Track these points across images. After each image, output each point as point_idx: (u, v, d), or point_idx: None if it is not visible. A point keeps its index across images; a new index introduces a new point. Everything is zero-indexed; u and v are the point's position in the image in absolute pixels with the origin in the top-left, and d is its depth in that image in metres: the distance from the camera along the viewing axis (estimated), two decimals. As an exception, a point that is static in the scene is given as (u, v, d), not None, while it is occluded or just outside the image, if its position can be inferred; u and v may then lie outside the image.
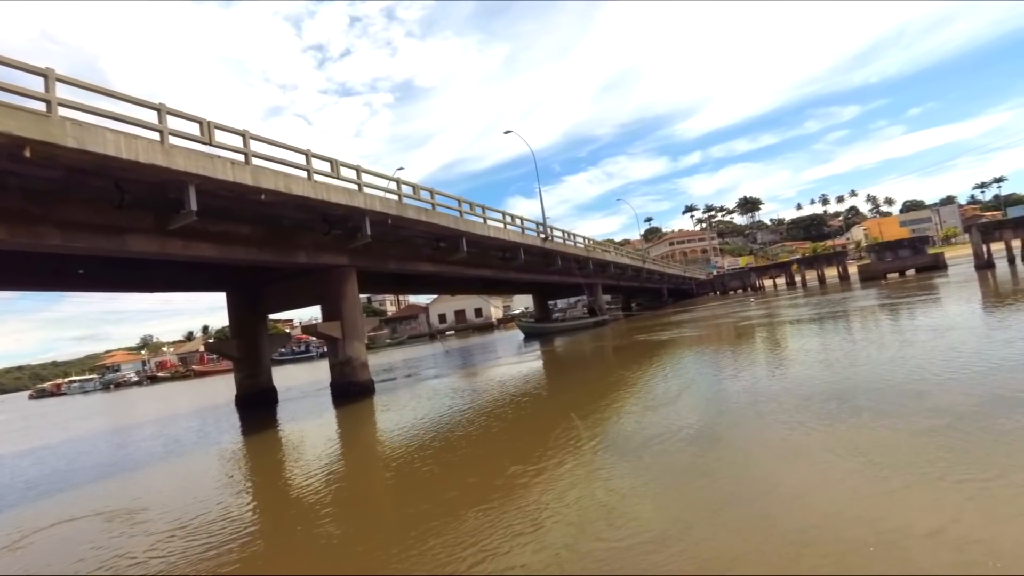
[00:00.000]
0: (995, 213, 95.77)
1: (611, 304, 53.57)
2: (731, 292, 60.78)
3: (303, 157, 12.58)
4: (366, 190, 14.22)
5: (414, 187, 16.48)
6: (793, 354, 11.09)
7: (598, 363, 17.13)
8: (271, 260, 13.29)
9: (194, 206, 9.87)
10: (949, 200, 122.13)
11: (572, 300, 56.70)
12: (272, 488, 7.23)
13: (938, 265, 36.93)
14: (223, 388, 27.21)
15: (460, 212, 18.63)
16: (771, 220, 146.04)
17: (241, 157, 10.97)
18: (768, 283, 57.93)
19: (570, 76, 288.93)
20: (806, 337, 13.56)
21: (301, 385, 23.58)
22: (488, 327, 76.03)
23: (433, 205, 16.99)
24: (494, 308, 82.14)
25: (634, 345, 19.86)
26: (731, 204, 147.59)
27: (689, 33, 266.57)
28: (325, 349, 17.54)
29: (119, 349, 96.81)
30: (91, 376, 74.42)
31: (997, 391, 5.85)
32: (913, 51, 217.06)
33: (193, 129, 10.23)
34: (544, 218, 29.10)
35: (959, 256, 50.46)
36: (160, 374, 66.27)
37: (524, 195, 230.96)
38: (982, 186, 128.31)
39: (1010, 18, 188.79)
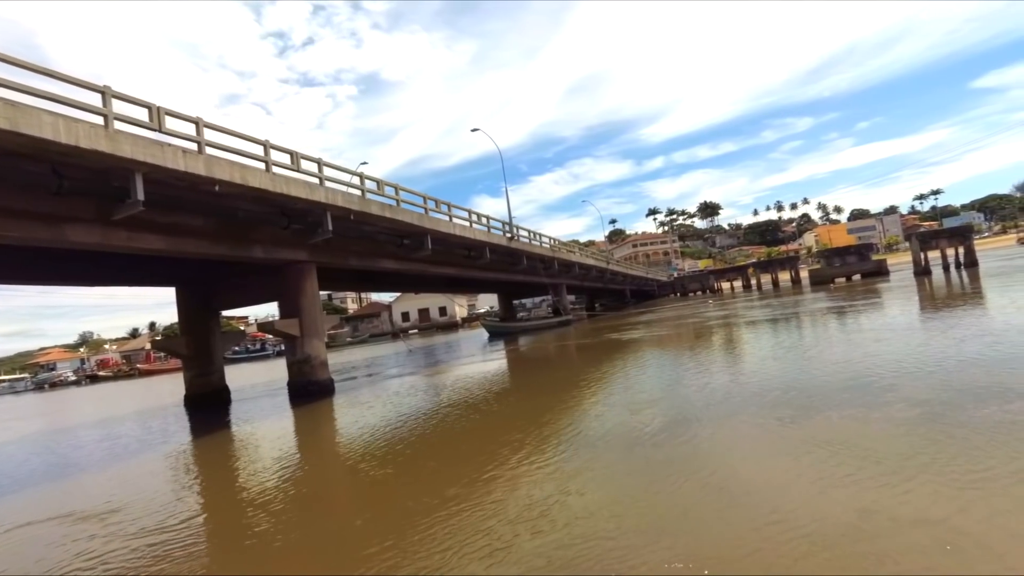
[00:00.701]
0: (932, 223, 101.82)
1: (575, 304, 54.00)
2: (691, 294, 62.26)
3: (261, 148, 12.07)
4: (328, 184, 13.78)
5: (378, 182, 16.10)
6: (764, 353, 11.32)
7: (565, 363, 17.16)
8: (225, 254, 12.71)
9: (141, 196, 9.30)
10: (892, 210, 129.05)
11: (537, 300, 56.99)
12: (233, 490, 6.85)
13: (881, 271, 38.86)
14: (171, 388, 26.00)
15: (425, 209, 18.33)
16: (729, 225, 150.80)
17: (194, 146, 10.42)
18: (726, 286, 59.66)
19: (538, 77, 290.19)
20: (772, 338, 13.92)
21: (257, 384, 22.75)
22: (452, 326, 75.48)
23: (398, 201, 16.65)
24: (459, 307, 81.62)
25: (600, 345, 20.00)
26: (692, 208, 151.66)
27: (655, 40, 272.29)
28: (282, 347, 16.94)
29: (55, 346, 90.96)
30: (22, 375, 69.64)
31: (966, 383, 6.22)
32: (863, 68, 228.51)
33: (141, 114, 9.64)
34: (510, 217, 29.06)
35: (900, 262, 53.16)
36: (101, 373, 62.70)
37: (490, 194, 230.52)
38: (921, 197, 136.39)
39: (949, 42, 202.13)
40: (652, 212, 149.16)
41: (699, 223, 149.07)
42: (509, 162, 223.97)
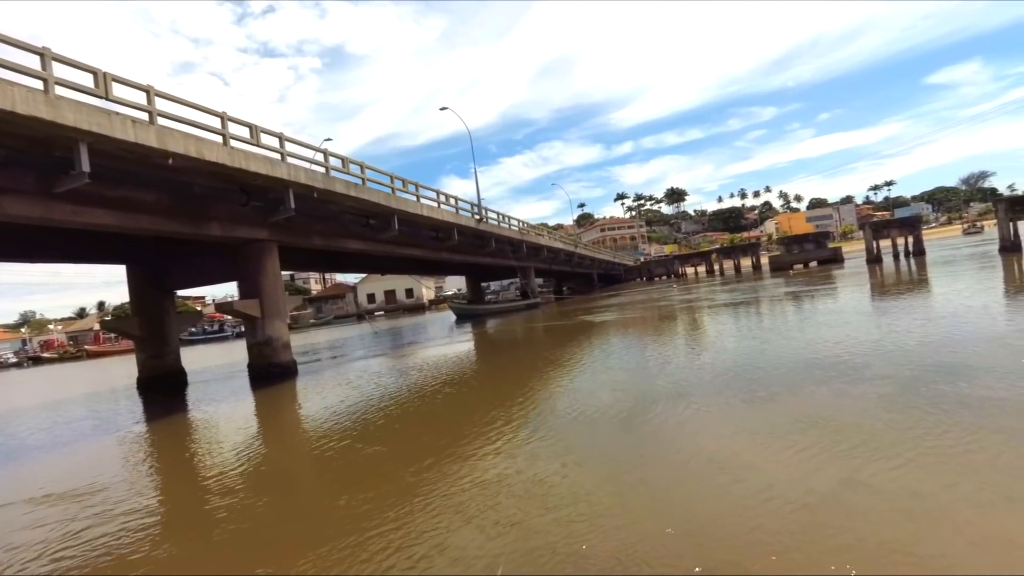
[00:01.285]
0: (885, 213, 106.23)
1: (543, 287, 54.28)
2: (656, 278, 63.29)
3: (218, 120, 11.52)
4: (290, 160, 13.30)
5: (343, 160, 15.63)
6: (738, 335, 11.49)
7: (537, 345, 17.22)
8: (179, 231, 12.15)
9: (86, 167, 8.76)
10: (848, 200, 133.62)
11: (505, 283, 56.98)
12: (212, 472, 6.59)
13: (836, 258, 40.35)
14: (123, 370, 25.01)
15: (392, 189, 17.95)
16: (695, 211, 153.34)
17: (145, 115, 9.85)
18: (690, 271, 60.83)
19: (508, 56, 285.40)
20: (743, 321, 14.22)
21: (215, 367, 22.06)
22: (419, 308, 74.85)
23: (363, 180, 16.24)
24: (426, 289, 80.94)
25: (570, 327, 20.14)
26: (659, 194, 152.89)
27: (624, 25, 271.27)
28: (242, 329, 16.44)
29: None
30: (-44, 357, 65.67)
31: (934, 362, 6.61)
32: (826, 60, 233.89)
33: (86, 80, 9.03)
34: (479, 199, 28.77)
35: (854, 250, 55.26)
36: (45, 355, 59.63)
37: (459, 175, 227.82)
38: (875, 188, 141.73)
39: (906, 38, 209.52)
40: (620, 197, 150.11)
41: (666, 209, 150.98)
42: (478, 143, 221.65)
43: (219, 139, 11.37)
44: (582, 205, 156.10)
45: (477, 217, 26.05)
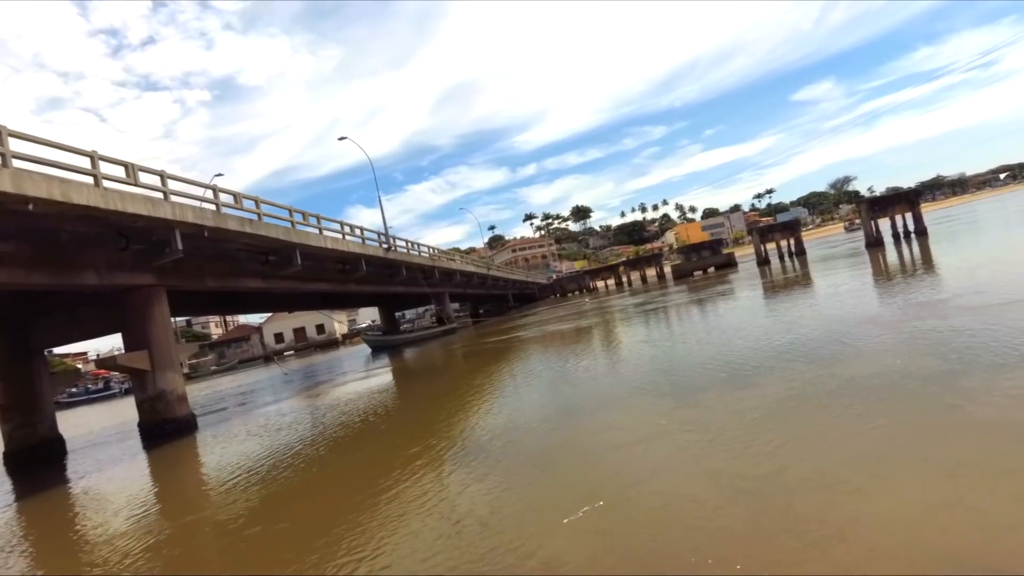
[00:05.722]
0: (769, 218, 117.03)
1: (459, 312, 54.19)
2: (569, 294, 65.14)
3: (88, 160, 10.63)
4: (175, 199, 12.50)
5: (235, 195, 14.92)
6: (650, 341, 12.05)
7: (454, 370, 17.11)
8: (46, 283, 10.97)
9: (-77, 219, 7.74)
10: (736, 208, 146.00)
11: (420, 310, 56.19)
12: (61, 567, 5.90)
13: (731, 263, 43.67)
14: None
15: (292, 223, 17.35)
16: (600, 227, 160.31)
17: (-4, 159, 8.90)
18: (601, 284, 63.18)
19: (408, 85, 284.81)
20: (654, 326, 15.05)
21: (100, 429, 19.77)
22: (332, 344, 71.80)
23: (259, 215, 15.57)
24: (338, 323, 77.59)
25: (488, 349, 20.22)
26: (566, 212, 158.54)
27: (521, 51, 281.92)
28: (131, 384, 14.96)
29: None
30: None
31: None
32: (705, 81, 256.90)
33: (-83, 121, 8.03)
34: (386, 228, 28.45)
35: (746, 254, 59.79)
36: None
37: (365, 204, 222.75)
38: (759, 196, 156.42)
39: (770, 60, 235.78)
40: (529, 217, 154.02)
41: (573, 226, 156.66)
42: (384, 171, 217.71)
43: (90, 180, 10.49)
44: (492, 227, 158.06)
45: (385, 246, 25.72)
